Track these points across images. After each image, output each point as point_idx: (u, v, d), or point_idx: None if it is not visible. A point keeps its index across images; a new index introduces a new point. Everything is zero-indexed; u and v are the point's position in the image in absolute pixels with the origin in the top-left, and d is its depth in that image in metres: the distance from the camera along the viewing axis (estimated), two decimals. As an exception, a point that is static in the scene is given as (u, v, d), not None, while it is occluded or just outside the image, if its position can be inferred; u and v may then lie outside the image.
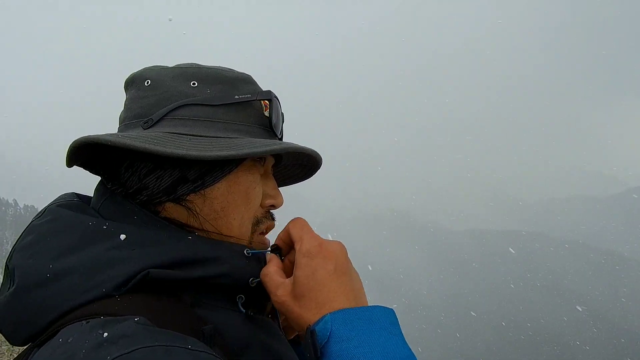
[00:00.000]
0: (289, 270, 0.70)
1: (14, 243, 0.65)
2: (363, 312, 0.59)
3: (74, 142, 0.63)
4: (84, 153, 0.68)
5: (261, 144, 0.68)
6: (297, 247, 0.66)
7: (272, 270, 0.67)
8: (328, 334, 0.58)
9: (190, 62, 0.77)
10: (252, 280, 0.67)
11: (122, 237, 0.61)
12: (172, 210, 0.69)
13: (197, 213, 0.69)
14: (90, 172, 0.74)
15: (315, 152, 0.79)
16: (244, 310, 0.67)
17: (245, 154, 0.64)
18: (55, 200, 0.72)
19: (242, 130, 0.72)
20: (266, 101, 0.75)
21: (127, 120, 0.73)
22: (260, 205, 0.76)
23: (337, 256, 0.64)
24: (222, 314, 0.63)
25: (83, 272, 0.57)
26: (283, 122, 0.80)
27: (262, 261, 0.71)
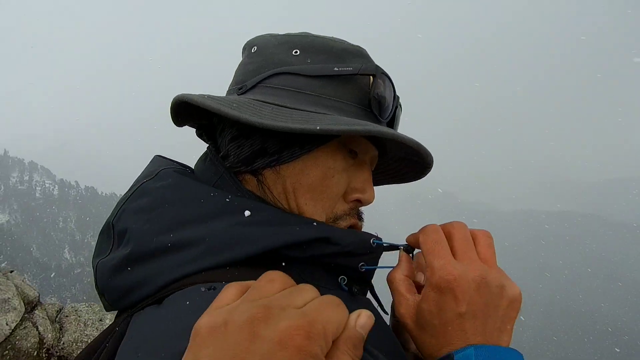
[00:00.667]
0: (413, 276, 0.64)
1: (122, 202, 0.64)
2: (506, 353, 0.53)
3: (173, 100, 0.64)
4: (193, 117, 0.70)
5: (344, 123, 0.59)
6: (427, 274, 0.58)
7: (399, 279, 0.62)
8: None
9: (304, 31, 0.72)
10: (361, 265, 0.64)
11: (247, 213, 0.59)
12: (250, 182, 0.67)
13: (270, 190, 0.65)
14: (202, 140, 0.74)
15: (418, 143, 0.64)
16: (347, 289, 0.64)
17: (320, 130, 0.56)
18: (155, 162, 0.70)
19: (335, 107, 0.65)
20: (372, 76, 0.66)
21: (231, 86, 0.72)
22: (344, 199, 0.69)
23: (471, 296, 0.55)
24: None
25: (207, 246, 0.55)
26: (395, 107, 0.70)
27: (379, 252, 0.66)
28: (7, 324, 6.47)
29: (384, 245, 0.65)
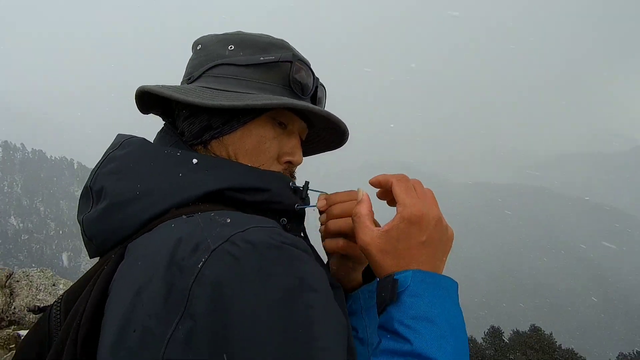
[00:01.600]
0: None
1: (95, 169, 0.78)
2: (437, 277, 0.69)
3: (136, 91, 0.82)
4: (155, 105, 0.88)
5: (266, 99, 0.76)
6: (399, 209, 0.71)
7: (364, 213, 0.76)
8: (406, 286, 0.67)
9: (239, 30, 0.90)
10: (297, 206, 0.80)
11: (194, 161, 0.75)
12: (201, 151, 0.83)
13: (216, 155, 0.82)
14: (162, 118, 0.91)
15: (327, 112, 0.84)
16: (285, 222, 0.80)
17: (244, 105, 0.74)
18: (118, 138, 0.84)
19: (264, 88, 0.82)
20: (297, 63, 0.83)
21: (183, 78, 0.90)
22: (278, 161, 0.86)
23: (431, 229, 0.71)
24: None
25: (167, 190, 0.70)
26: (316, 87, 0.88)
27: (301, 194, 0.83)
28: (-47, 289, 6.28)
29: (303, 189, 0.84)
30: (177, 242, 0.60)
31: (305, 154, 1.01)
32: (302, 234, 0.85)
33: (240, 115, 0.81)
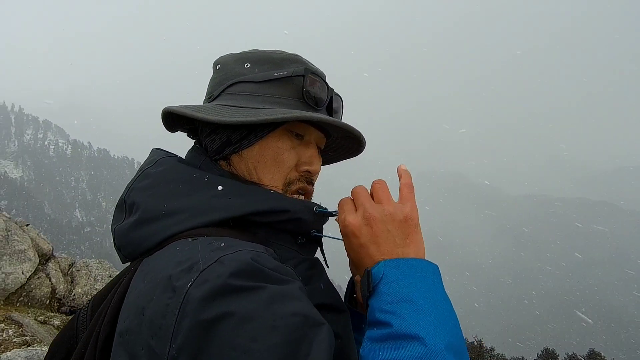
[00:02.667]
0: None
1: (131, 183, 0.86)
2: (411, 261, 0.73)
3: (162, 112, 0.89)
4: (183, 122, 0.95)
5: (279, 113, 0.80)
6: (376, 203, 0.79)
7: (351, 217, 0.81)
8: (381, 276, 0.72)
9: (255, 48, 0.95)
10: (312, 232, 0.87)
11: (220, 188, 0.80)
12: (224, 166, 0.89)
13: (237, 169, 0.88)
14: (188, 136, 0.98)
15: (340, 121, 0.87)
16: (302, 241, 0.87)
17: (259, 120, 0.78)
18: (153, 154, 0.92)
19: (279, 102, 0.85)
20: (309, 77, 0.87)
21: (205, 97, 0.94)
22: (296, 170, 0.90)
23: (359, 230, 0.78)
24: (284, 251, 0.81)
25: (190, 213, 0.76)
26: (331, 96, 0.91)
27: (324, 218, 0.89)
28: (22, 273, 6.83)
29: (325, 211, 0.87)
30: (176, 264, 0.65)
31: (328, 162, 1.09)
32: (316, 254, 0.90)
33: (258, 130, 0.85)
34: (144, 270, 0.73)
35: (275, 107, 0.84)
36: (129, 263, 0.84)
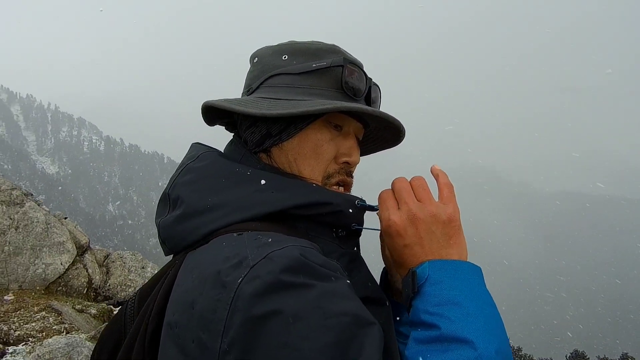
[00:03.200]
0: None
1: (174, 178, 0.87)
2: (456, 263, 0.72)
3: (202, 106, 0.89)
4: (221, 116, 0.94)
5: (319, 104, 0.79)
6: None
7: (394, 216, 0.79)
8: (425, 277, 0.71)
9: (292, 39, 0.94)
10: (353, 225, 0.84)
11: (262, 182, 0.79)
12: (264, 159, 0.88)
13: (277, 162, 0.87)
14: (227, 129, 0.99)
15: (380, 111, 0.87)
16: (342, 234, 0.85)
17: (300, 111, 0.78)
18: (194, 149, 0.92)
19: (318, 94, 0.84)
20: (348, 67, 0.86)
21: (243, 90, 0.94)
22: (336, 161, 0.89)
23: (405, 231, 0.75)
24: (325, 244, 0.79)
25: (233, 207, 0.77)
26: (369, 87, 0.90)
27: (363, 211, 0.86)
28: (61, 264, 7.17)
29: (367, 205, 0.86)
30: (224, 259, 0.66)
31: (366, 152, 1.07)
32: (355, 248, 0.88)
33: (297, 122, 0.84)
34: (189, 265, 0.73)
35: (315, 98, 0.83)
36: (172, 256, 0.84)
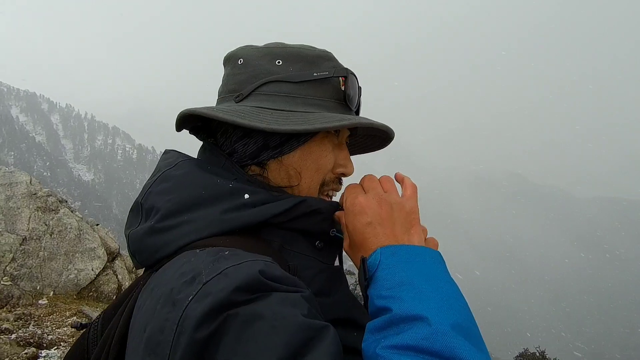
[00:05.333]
0: None
1: (148, 185, 0.81)
2: (410, 248, 0.69)
3: (180, 113, 0.80)
4: (190, 121, 0.86)
5: (333, 119, 0.77)
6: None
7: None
8: (377, 263, 0.68)
9: (277, 41, 0.87)
10: (332, 231, 0.81)
11: (246, 196, 0.75)
12: (255, 171, 0.83)
13: (273, 175, 0.83)
14: (196, 137, 0.91)
15: (385, 125, 0.84)
16: (321, 245, 0.81)
17: (317, 128, 0.74)
18: (170, 155, 0.86)
19: (319, 104, 0.81)
20: (343, 77, 0.84)
21: (223, 94, 0.86)
22: (332, 172, 0.87)
23: (370, 210, 0.74)
24: (302, 259, 0.77)
25: (206, 223, 0.72)
26: (359, 96, 0.89)
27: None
28: (92, 270, 7.35)
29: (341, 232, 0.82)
30: (179, 276, 0.62)
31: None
32: (336, 260, 0.86)
33: (301, 135, 0.81)
34: (151, 284, 0.68)
35: (318, 110, 0.81)
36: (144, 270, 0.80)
